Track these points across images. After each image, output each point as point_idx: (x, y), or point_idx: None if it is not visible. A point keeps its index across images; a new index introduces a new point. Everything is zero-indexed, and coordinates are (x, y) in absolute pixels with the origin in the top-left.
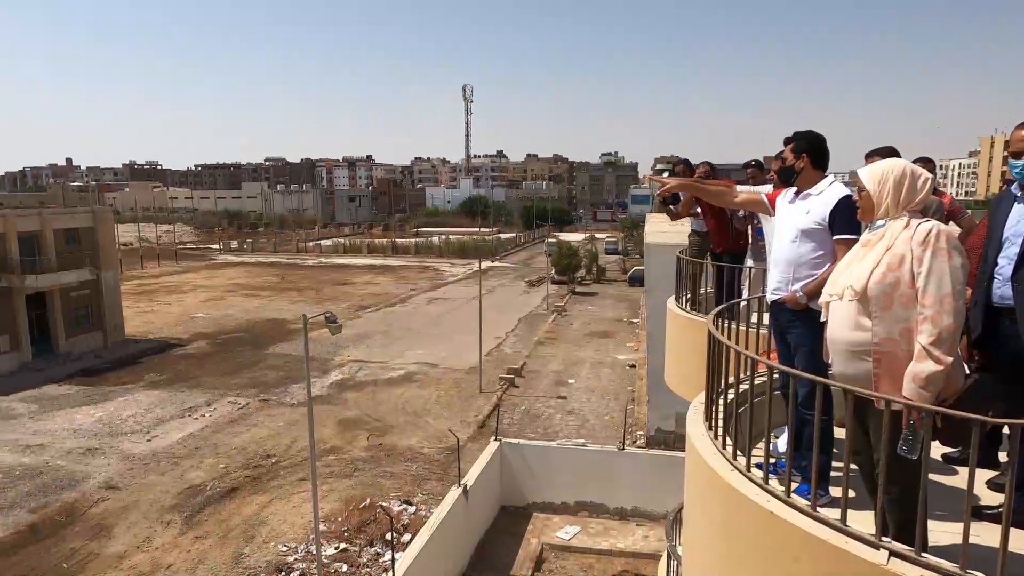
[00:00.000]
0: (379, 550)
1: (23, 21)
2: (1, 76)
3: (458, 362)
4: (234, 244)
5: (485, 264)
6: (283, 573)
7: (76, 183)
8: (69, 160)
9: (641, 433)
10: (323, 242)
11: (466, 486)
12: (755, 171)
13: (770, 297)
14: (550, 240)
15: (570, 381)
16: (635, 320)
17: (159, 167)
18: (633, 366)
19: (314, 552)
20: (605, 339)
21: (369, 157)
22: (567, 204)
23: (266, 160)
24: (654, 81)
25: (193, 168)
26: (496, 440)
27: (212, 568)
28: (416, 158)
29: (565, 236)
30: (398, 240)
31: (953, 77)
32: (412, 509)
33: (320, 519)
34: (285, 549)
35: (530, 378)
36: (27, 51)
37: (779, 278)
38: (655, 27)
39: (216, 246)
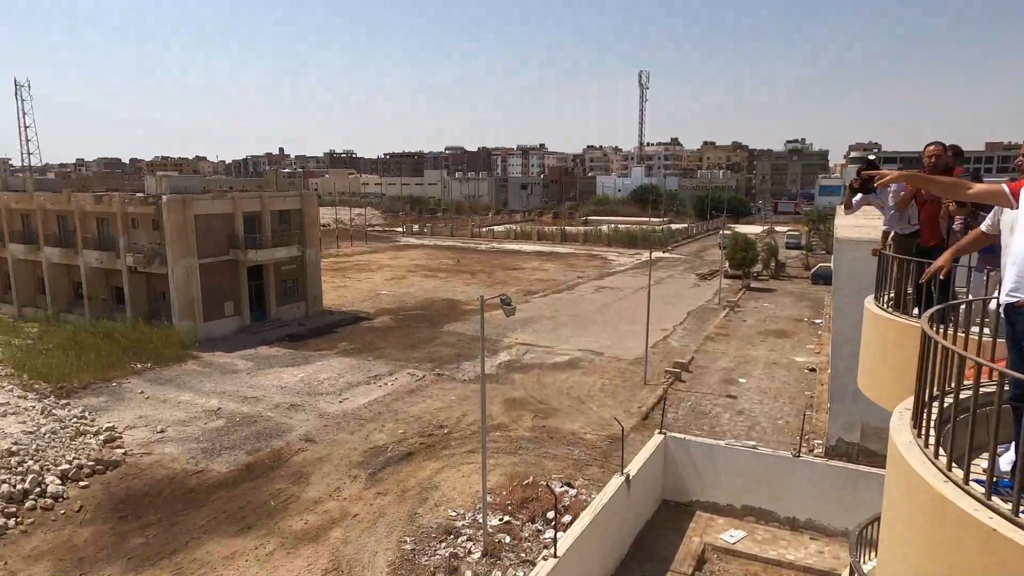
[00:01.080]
0: (540, 527)
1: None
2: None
3: (623, 352)
4: (415, 227)
5: (655, 254)
6: (452, 535)
7: (286, 170)
8: (281, 149)
9: (819, 442)
10: (496, 228)
11: (629, 475)
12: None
13: (1005, 300)
14: (725, 232)
15: (741, 380)
16: (817, 320)
17: (354, 155)
18: (813, 370)
19: (480, 520)
20: (781, 339)
21: (542, 146)
22: (745, 194)
23: (446, 149)
24: (851, 60)
25: (383, 156)
26: (661, 433)
27: (390, 522)
28: (588, 146)
29: (741, 228)
30: (567, 228)
31: None
32: (573, 492)
33: (486, 491)
34: (454, 514)
35: (698, 373)
36: (259, 58)
37: (1016, 278)
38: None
39: (400, 229)
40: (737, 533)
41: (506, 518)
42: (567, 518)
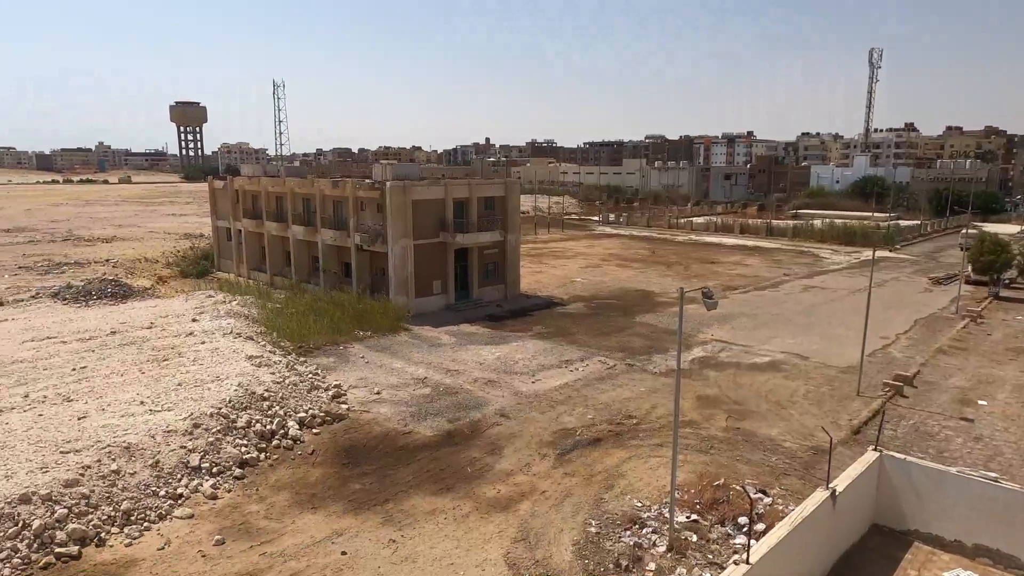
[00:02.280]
0: (729, 531)
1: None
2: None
3: (832, 358)
4: (612, 217)
5: (878, 253)
6: (636, 525)
7: (491, 159)
8: (487, 139)
9: None
10: (695, 219)
11: (835, 491)
12: None
13: None
14: (969, 231)
15: (980, 402)
16: None
17: (554, 145)
18: None
19: (666, 514)
20: None
21: (750, 133)
22: (999, 188)
23: (646, 138)
24: None
25: (582, 146)
26: (876, 450)
27: (577, 503)
28: (803, 133)
29: (991, 227)
30: (774, 221)
31: None
32: (768, 500)
33: (675, 486)
34: (639, 505)
35: (924, 389)
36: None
37: None
38: None
39: (596, 218)
40: (965, 574)
41: (694, 516)
42: (760, 526)
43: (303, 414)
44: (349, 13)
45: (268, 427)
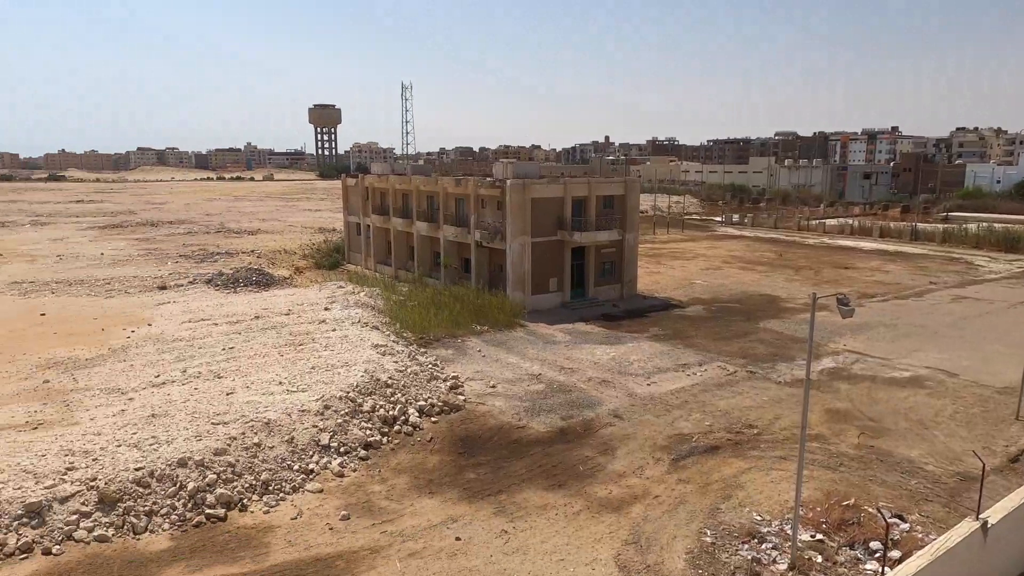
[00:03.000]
0: (859, 555)
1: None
2: (564, 76)
3: (987, 376)
4: (735, 217)
5: None
6: (755, 539)
7: (610, 157)
8: (607, 137)
9: None
10: (828, 221)
11: (986, 523)
12: None
13: None
14: None
15: None
16: None
17: (676, 143)
18: None
19: (788, 531)
20: None
21: (894, 129)
22: None
23: (776, 135)
24: None
25: (705, 144)
26: None
27: (691, 511)
28: (957, 128)
29: None
30: (920, 224)
31: None
32: (905, 526)
33: (799, 502)
34: (759, 519)
35: None
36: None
37: None
38: None
39: (718, 218)
40: None
41: (819, 536)
42: (896, 553)
43: (423, 402)
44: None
45: (390, 413)
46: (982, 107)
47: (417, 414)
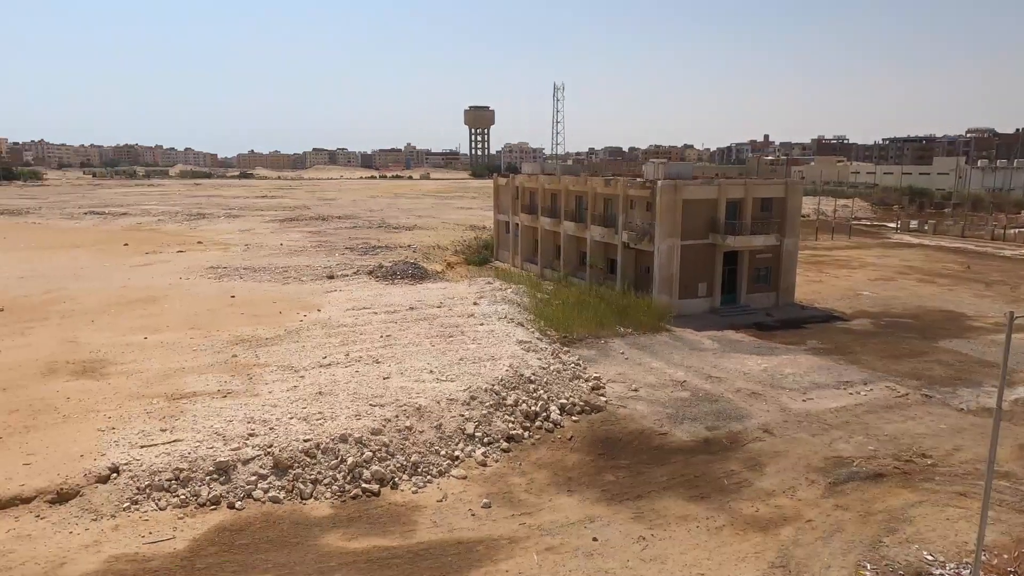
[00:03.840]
0: None
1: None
2: (719, 68)
3: None
4: (913, 224)
5: None
6: None
7: (769, 157)
8: (766, 136)
9: None
10: None
11: None
12: None
13: None
14: None
15: None
16: None
17: (845, 141)
18: None
19: (965, 575)
20: None
21: None
22: None
23: (967, 132)
24: None
25: (879, 142)
26: None
27: (849, 540)
28: None
29: None
30: None
31: None
32: None
33: (982, 546)
34: (931, 559)
35: None
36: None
37: None
38: None
39: (892, 224)
40: None
41: None
42: None
43: (564, 401)
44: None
45: (532, 408)
46: None
47: (558, 412)
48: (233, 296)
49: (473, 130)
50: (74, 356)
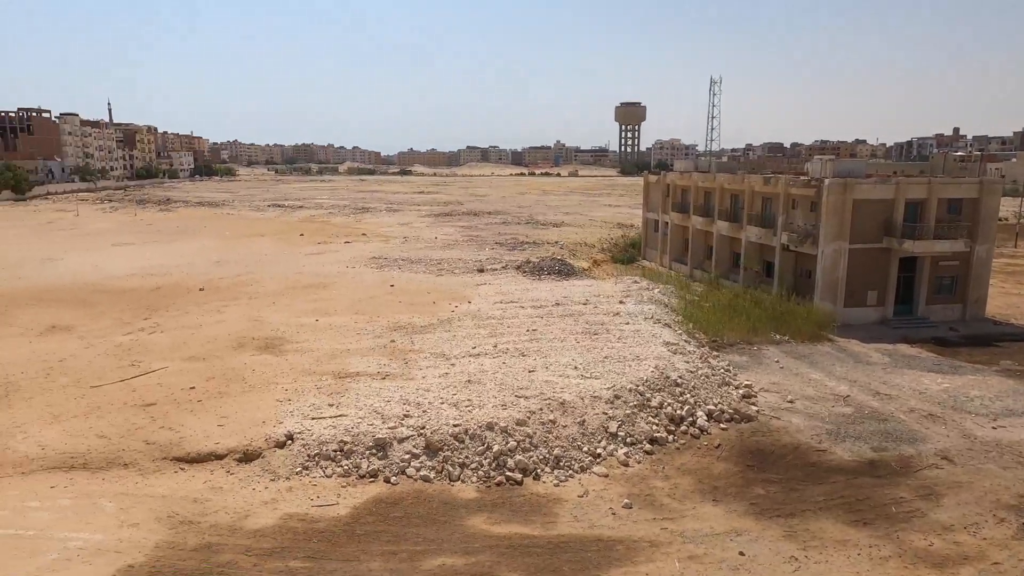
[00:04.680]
0: None
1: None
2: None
3: None
4: None
5: None
6: None
7: (958, 152)
8: (956, 130)
9: None
10: None
11: None
12: None
13: None
14: None
15: None
16: None
17: None
18: None
19: None
20: None
21: None
22: None
23: None
24: None
25: None
26: None
27: None
28: None
29: None
30: None
31: None
32: None
33: None
34: None
35: None
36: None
37: None
38: None
39: None
40: None
41: None
42: None
43: (712, 407)
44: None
45: (678, 412)
46: None
47: (705, 417)
48: (392, 285)
49: (623, 127)
50: (258, 333)
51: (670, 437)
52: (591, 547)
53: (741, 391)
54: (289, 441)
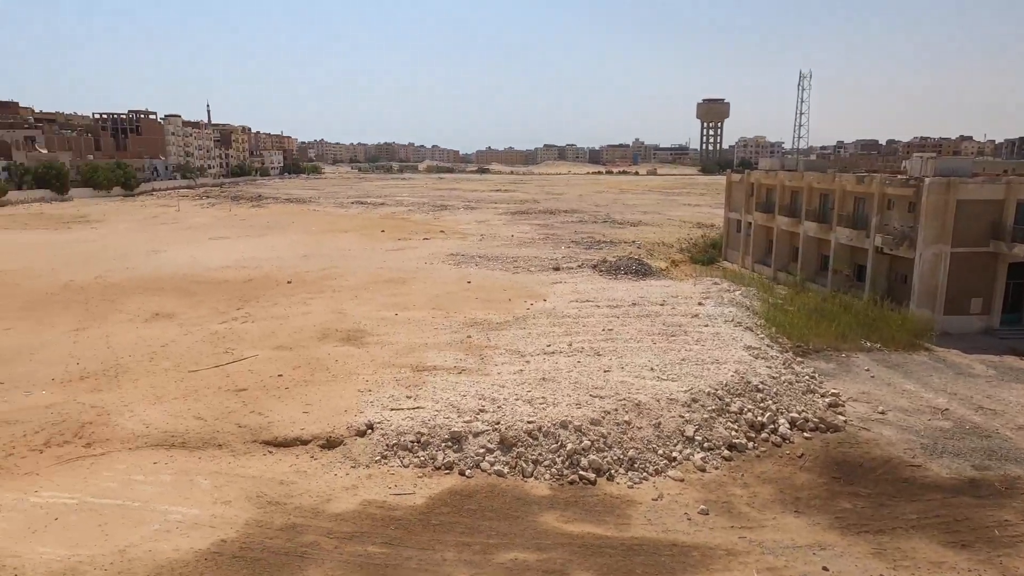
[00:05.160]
0: None
1: None
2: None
3: None
4: None
5: None
6: None
7: None
8: None
9: None
10: None
11: None
12: None
13: None
14: None
15: None
16: None
17: None
18: None
19: None
20: None
21: None
22: None
23: None
24: None
25: None
26: None
27: None
28: None
29: None
30: None
31: None
32: None
33: None
34: None
35: None
36: None
37: None
38: None
39: None
40: None
41: None
42: None
43: (795, 414)
44: None
45: (759, 418)
46: None
47: (788, 425)
48: (469, 282)
49: (705, 124)
50: (341, 325)
51: (750, 444)
52: (665, 551)
53: (827, 400)
54: (369, 430)
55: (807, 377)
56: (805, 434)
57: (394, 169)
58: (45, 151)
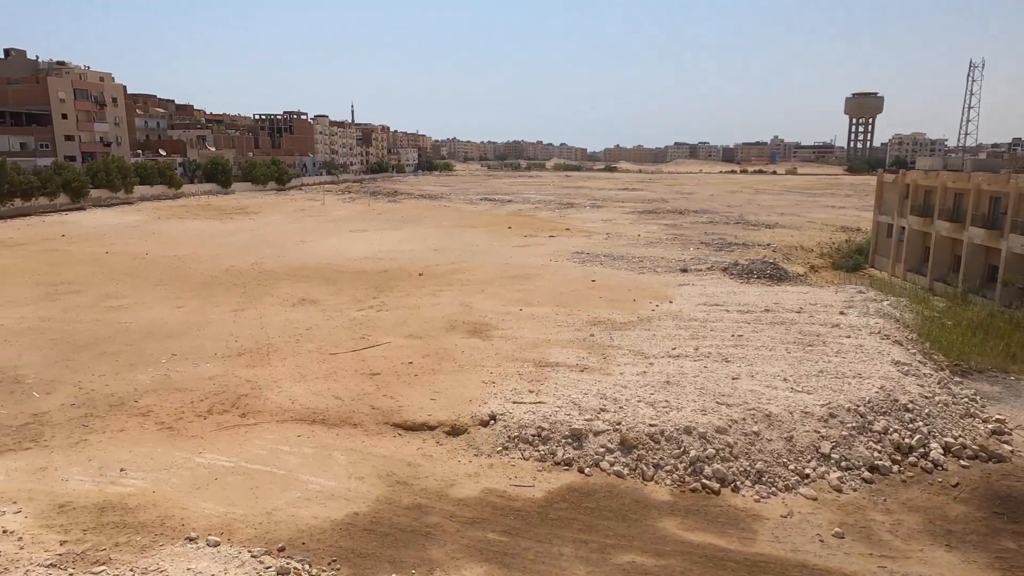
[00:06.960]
0: None
1: None
2: None
3: None
4: None
5: None
6: None
7: None
8: None
9: None
10: None
11: None
12: None
13: None
14: None
15: None
16: None
17: None
18: None
19: None
20: None
21: None
22: None
23: None
24: None
25: None
26: None
27: None
28: None
29: None
30: None
31: None
32: None
33: None
34: None
35: None
36: None
37: None
38: None
39: None
40: None
41: None
42: None
43: (950, 439)
44: None
45: (906, 440)
46: None
47: (941, 450)
48: (593, 280)
49: (854, 120)
50: (468, 318)
51: (895, 467)
52: (792, 572)
53: (991, 426)
54: (492, 421)
55: (966, 399)
56: (962, 462)
57: (522, 167)
58: (213, 149)
